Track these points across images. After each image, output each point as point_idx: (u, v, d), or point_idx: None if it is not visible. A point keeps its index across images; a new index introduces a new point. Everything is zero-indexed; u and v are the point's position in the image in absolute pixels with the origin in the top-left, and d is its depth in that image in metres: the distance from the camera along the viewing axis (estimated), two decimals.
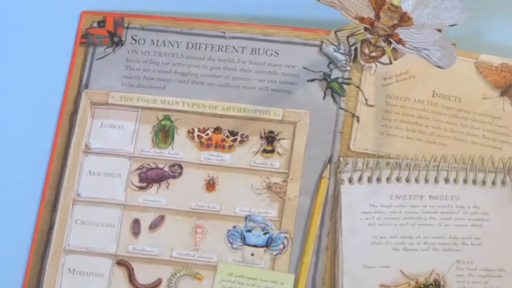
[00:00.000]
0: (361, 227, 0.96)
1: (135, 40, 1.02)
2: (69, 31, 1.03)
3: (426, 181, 0.98)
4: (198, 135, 0.99)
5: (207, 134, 0.99)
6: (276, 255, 0.96)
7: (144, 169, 0.99)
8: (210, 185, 0.98)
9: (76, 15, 1.04)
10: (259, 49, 1.01)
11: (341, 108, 0.99)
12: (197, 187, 0.98)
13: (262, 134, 0.99)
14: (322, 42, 1.01)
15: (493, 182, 0.98)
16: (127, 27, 1.03)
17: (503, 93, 1.01)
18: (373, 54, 0.96)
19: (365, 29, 0.96)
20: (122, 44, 1.02)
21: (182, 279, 0.96)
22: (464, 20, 0.95)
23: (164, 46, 1.02)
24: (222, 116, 1.00)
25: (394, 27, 0.96)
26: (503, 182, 0.98)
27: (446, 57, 0.92)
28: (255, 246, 0.96)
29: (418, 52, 0.93)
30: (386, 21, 0.96)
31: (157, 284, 0.96)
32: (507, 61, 1.02)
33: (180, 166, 0.99)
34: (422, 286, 0.95)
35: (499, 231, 0.97)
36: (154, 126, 0.99)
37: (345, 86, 1.00)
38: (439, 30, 0.97)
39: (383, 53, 0.96)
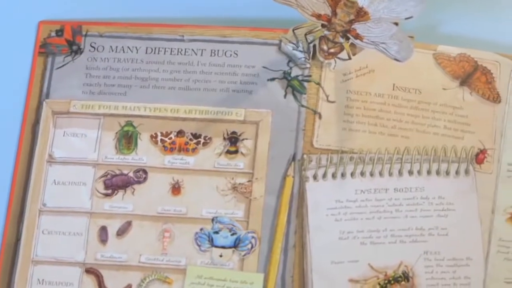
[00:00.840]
0: (328, 223, 0.97)
1: (93, 47, 1.02)
2: (27, 41, 1.03)
3: (390, 174, 0.98)
4: (161, 140, 0.99)
5: (170, 138, 0.99)
6: (244, 255, 0.96)
7: (108, 176, 0.98)
8: (176, 189, 0.98)
9: (33, 25, 1.04)
10: (218, 50, 1.01)
11: (302, 105, 1.00)
12: (162, 191, 0.98)
13: (225, 135, 0.99)
14: (280, 41, 1.02)
15: (457, 172, 0.98)
16: (85, 35, 1.02)
17: (462, 83, 1.01)
18: (332, 50, 0.96)
19: (323, 26, 0.96)
20: (81, 52, 1.02)
21: (152, 284, 0.96)
22: (419, 12, 0.96)
23: (123, 52, 1.02)
24: (184, 119, 1.00)
25: (351, 22, 0.96)
26: (467, 172, 0.98)
27: (403, 50, 0.93)
28: (223, 247, 0.97)
29: (376, 46, 0.94)
30: (343, 17, 0.96)
31: None
32: (465, 51, 1.02)
33: (145, 171, 0.99)
34: (391, 278, 0.95)
35: (465, 220, 0.97)
36: (116, 133, 0.99)
37: (305, 84, 1.00)
38: (396, 24, 0.97)
39: (342, 49, 0.96)
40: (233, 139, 0.99)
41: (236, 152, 0.99)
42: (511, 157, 0.99)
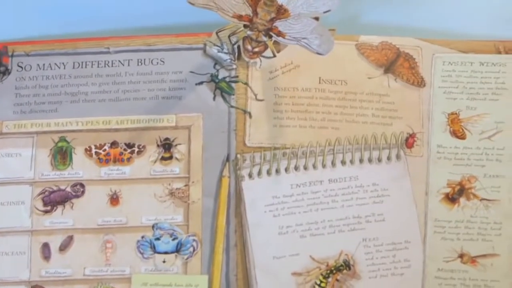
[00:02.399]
0: (267, 219, 0.98)
1: (21, 67, 1.02)
2: None
3: (324, 166, 1.00)
4: (96, 152, 1.00)
5: (105, 150, 1.00)
6: (187, 258, 0.97)
7: (46, 193, 0.99)
8: (114, 199, 0.99)
9: None
10: (144, 59, 1.02)
11: (232, 106, 1.01)
12: (101, 203, 0.99)
13: (159, 142, 1.00)
14: (205, 44, 1.03)
15: (388, 158, 1.00)
16: (12, 55, 1.03)
17: (386, 71, 1.03)
18: (256, 49, 0.98)
19: (245, 26, 0.97)
20: (9, 73, 1.02)
21: None
22: (336, 5, 0.97)
23: (51, 69, 1.02)
24: (116, 130, 1.01)
25: (272, 20, 0.97)
26: (398, 157, 1.00)
27: (324, 43, 0.94)
28: (165, 253, 0.98)
29: (298, 42, 0.95)
30: (264, 16, 0.97)
31: None
32: (387, 39, 1.04)
33: (82, 185, 0.99)
34: (332, 268, 0.97)
35: (400, 205, 0.99)
36: (51, 149, 1.00)
37: (233, 85, 1.02)
38: (317, 18, 0.99)
39: (266, 47, 0.98)
40: (166, 146, 1.00)
41: (170, 158, 1.00)
42: (440, 139, 1.01)
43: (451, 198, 0.99)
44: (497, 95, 1.02)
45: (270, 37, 0.97)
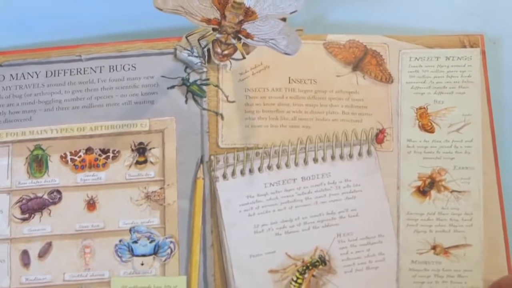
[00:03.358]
0: (242, 219, 0.99)
1: None
2: None
3: (296, 164, 1.01)
4: (71, 159, 1.01)
5: (80, 156, 1.01)
6: (165, 260, 0.99)
7: (24, 201, 1.00)
8: (91, 205, 1.00)
9: None
10: (116, 65, 1.04)
11: (204, 108, 1.02)
12: (78, 209, 1.00)
13: (133, 147, 1.02)
14: (175, 49, 1.04)
15: (360, 154, 1.02)
16: None
17: (355, 68, 1.05)
18: (226, 52, 0.99)
19: (214, 29, 0.99)
20: None
21: None
22: (303, 6, 0.99)
23: (24, 78, 1.04)
24: (91, 136, 1.02)
25: (240, 23, 0.99)
26: (369, 152, 1.02)
27: (292, 44, 0.96)
28: (143, 255, 0.99)
29: (266, 43, 0.97)
30: (232, 19, 0.99)
31: None
32: (354, 37, 1.06)
33: (59, 192, 1.01)
34: (308, 264, 0.99)
35: (373, 199, 1.01)
36: (27, 158, 1.01)
37: (204, 87, 1.03)
38: (284, 19, 1.00)
39: (235, 49, 0.99)
40: (141, 150, 1.01)
41: (145, 162, 1.01)
42: (409, 134, 1.03)
43: (422, 191, 1.01)
44: (463, 88, 1.04)
45: (239, 39, 0.98)
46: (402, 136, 1.03)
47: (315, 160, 1.01)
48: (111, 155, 1.02)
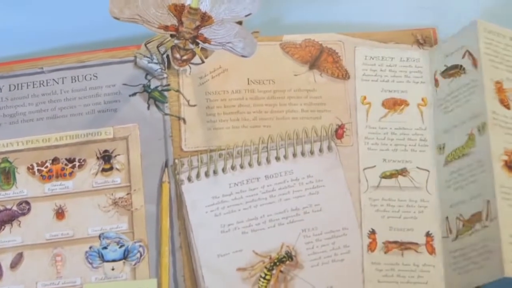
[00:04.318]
0: (208, 219, 1.02)
1: None
2: None
3: (259, 163, 1.03)
4: (38, 169, 1.03)
5: (46, 167, 1.03)
6: (135, 264, 1.01)
7: None
8: (60, 214, 1.02)
9: None
10: (78, 76, 1.06)
11: (166, 114, 1.05)
12: (47, 219, 1.02)
13: (98, 155, 1.04)
14: (135, 57, 1.06)
15: (320, 150, 1.04)
16: None
17: (311, 67, 1.07)
18: (185, 57, 1.01)
19: (172, 36, 1.01)
20: None
21: None
22: (257, 9, 1.01)
23: None
24: (56, 146, 1.04)
25: (197, 28, 1.01)
26: (329, 148, 1.04)
27: (248, 46, 0.98)
28: (113, 260, 1.01)
29: (223, 46, 0.99)
30: (189, 24, 1.01)
31: None
32: (309, 37, 1.09)
33: (28, 203, 1.02)
34: (276, 260, 1.01)
35: (335, 194, 1.03)
36: None
37: (165, 93, 1.05)
38: (240, 23, 1.03)
39: (194, 54, 1.01)
40: (106, 157, 1.03)
41: (111, 169, 1.03)
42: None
43: (509, 166, 1.00)
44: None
45: (197, 44, 1.01)
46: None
47: (277, 158, 1.04)
48: (77, 164, 1.04)
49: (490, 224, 0.97)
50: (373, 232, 1.03)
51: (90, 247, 1.01)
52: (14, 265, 1.01)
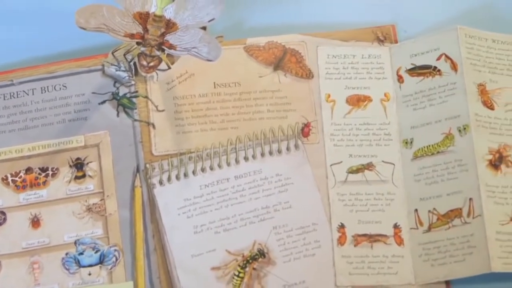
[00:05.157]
0: (181, 221, 1.04)
1: None
2: None
3: (228, 164, 1.06)
4: (12, 180, 1.05)
5: (20, 177, 1.05)
6: (111, 268, 1.03)
7: None
8: (35, 222, 1.04)
9: None
10: (48, 87, 1.08)
11: (135, 120, 1.07)
12: (23, 228, 1.04)
13: (71, 163, 1.06)
14: (103, 65, 1.08)
15: (288, 149, 1.07)
16: None
17: (276, 68, 1.10)
18: (151, 64, 1.03)
19: (138, 43, 1.03)
20: None
21: None
22: (220, 14, 1.04)
23: None
24: (29, 156, 1.06)
25: (163, 35, 1.04)
26: (296, 146, 1.07)
27: (213, 50, 1.01)
28: (90, 266, 1.03)
29: (189, 51, 1.01)
30: (154, 32, 1.04)
31: None
32: (272, 39, 1.11)
33: (3, 213, 1.04)
34: (248, 258, 1.03)
35: (304, 190, 1.06)
36: None
37: (134, 99, 1.08)
38: (204, 28, 1.05)
39: (160, 61, 1.04)
40: (78, 165, 1.06)
41: (84, 176, 1.05)
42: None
43: (494, 165, 1.04)
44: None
45: (163, 50, 1.03)
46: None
47: (246, 158, 1.06)
48: (50, 172, 1.06)
49: (472, 221, 1.01)
50: (342, 226, 1.05)
51: (67, 254, 1.03)
52: None
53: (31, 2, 1.16)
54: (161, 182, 1.05)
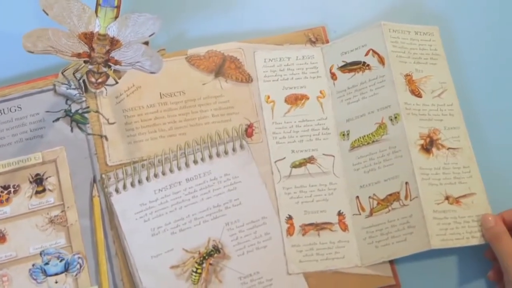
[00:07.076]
0: (139, 225, 1.10)
1: None
2: None
3: (179, 168, 1.12)
4: None
5: None
6: (76, 275, 1.09)
7: None
8: (1, 238, 1.10)
9: None
10: (3, 109, 1.13)
11: (89, 134, 1.13)
12: None
13: (31, 179, 1.12)
14: (54, 85, 1.14)
15: (233, 149, 1.13)
16: None
17: (217, 75, 1.17)
18: (100, 80, 1.09)
19: (85, 62, 1.09)
20: None
21: None
22: (159, 28, 1.10)
23: None
24: None
25: (108, 52, 1.10)
26: (242, 146, 1.14)
27: (155, 63, 1.07)
28: (56, 274, 1.09)
29: (133, 66, 1.07)
30: (100, 50, 1.10)
31: None
32: (211, 48, 1.17)
33: None
34: (204, 255, 1.09)
35: (251, 187, 1.12)
36: None
37: (86, 115, 1.14)
38: (147, 43, 1.11)
39: (108, 76, 1.10)
40: (38, 180, 1.11)
41: (44, 190, 1.11)
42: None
43: (426, 149, 1.11)
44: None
45: (109, 67, 1.09)
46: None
47: (195, 161, 1.13)
48: (12, 190, 1.11)
49: (410, 203, 1.08)
50: (290, 217, 1.12)
51: (33, 265, 1.09)
52: None
53: None
54: (117, 190, 1.11)
